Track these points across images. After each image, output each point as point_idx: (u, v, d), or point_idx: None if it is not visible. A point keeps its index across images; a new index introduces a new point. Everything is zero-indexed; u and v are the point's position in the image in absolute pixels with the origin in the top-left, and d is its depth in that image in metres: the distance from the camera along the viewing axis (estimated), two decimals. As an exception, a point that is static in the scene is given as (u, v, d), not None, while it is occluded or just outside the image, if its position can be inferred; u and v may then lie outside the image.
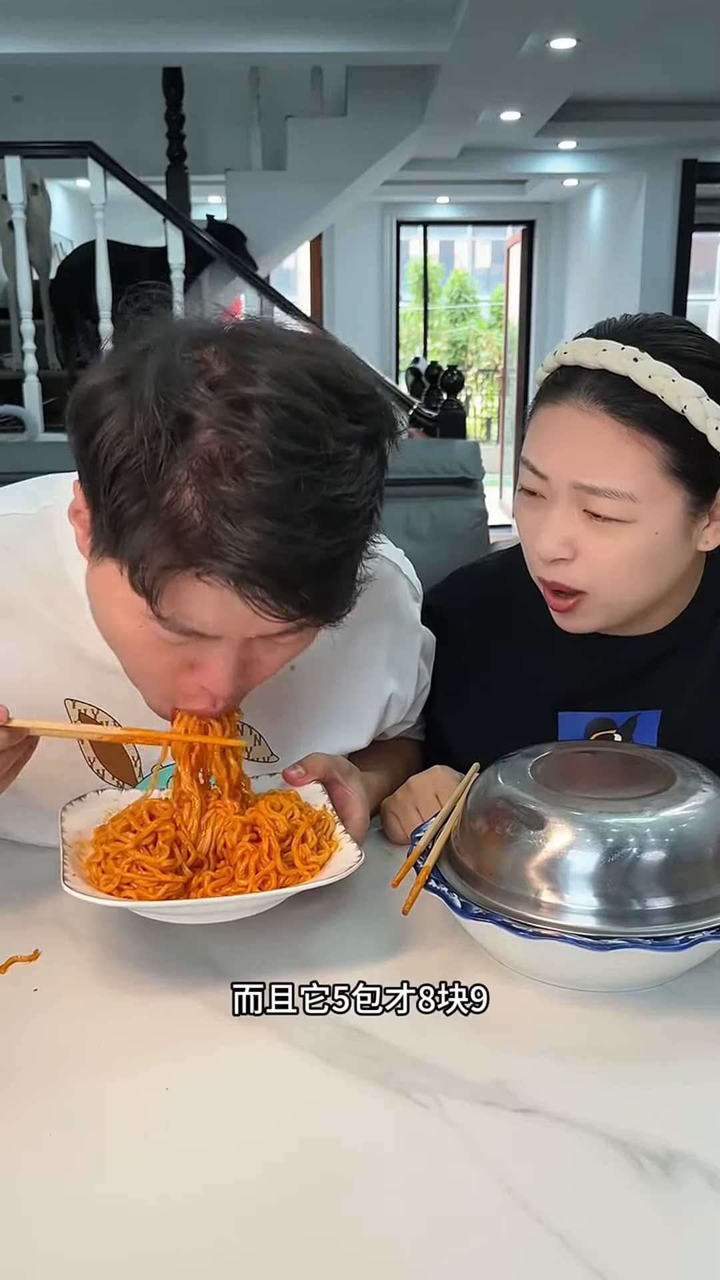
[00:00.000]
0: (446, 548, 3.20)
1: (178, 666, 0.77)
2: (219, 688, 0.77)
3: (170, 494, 0.67)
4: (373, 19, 4.50)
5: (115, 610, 0.76)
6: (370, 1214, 0.57)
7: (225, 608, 0.71)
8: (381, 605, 1.01)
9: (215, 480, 0.67)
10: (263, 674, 0.81)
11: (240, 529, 0.67)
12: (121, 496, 0.68)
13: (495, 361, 12.63)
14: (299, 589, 0.70)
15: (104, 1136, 0.63)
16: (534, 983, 0.76)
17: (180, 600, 0.71)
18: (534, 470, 0.95)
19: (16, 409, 4.32)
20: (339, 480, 0.69)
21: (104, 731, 0.90)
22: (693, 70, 5.40)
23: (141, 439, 0.67)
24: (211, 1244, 0.55)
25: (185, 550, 0.68)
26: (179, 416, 0.67)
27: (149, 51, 4.64)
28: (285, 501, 0.67)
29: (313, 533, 0.69)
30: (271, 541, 0.67)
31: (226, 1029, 0.71)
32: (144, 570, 0.69)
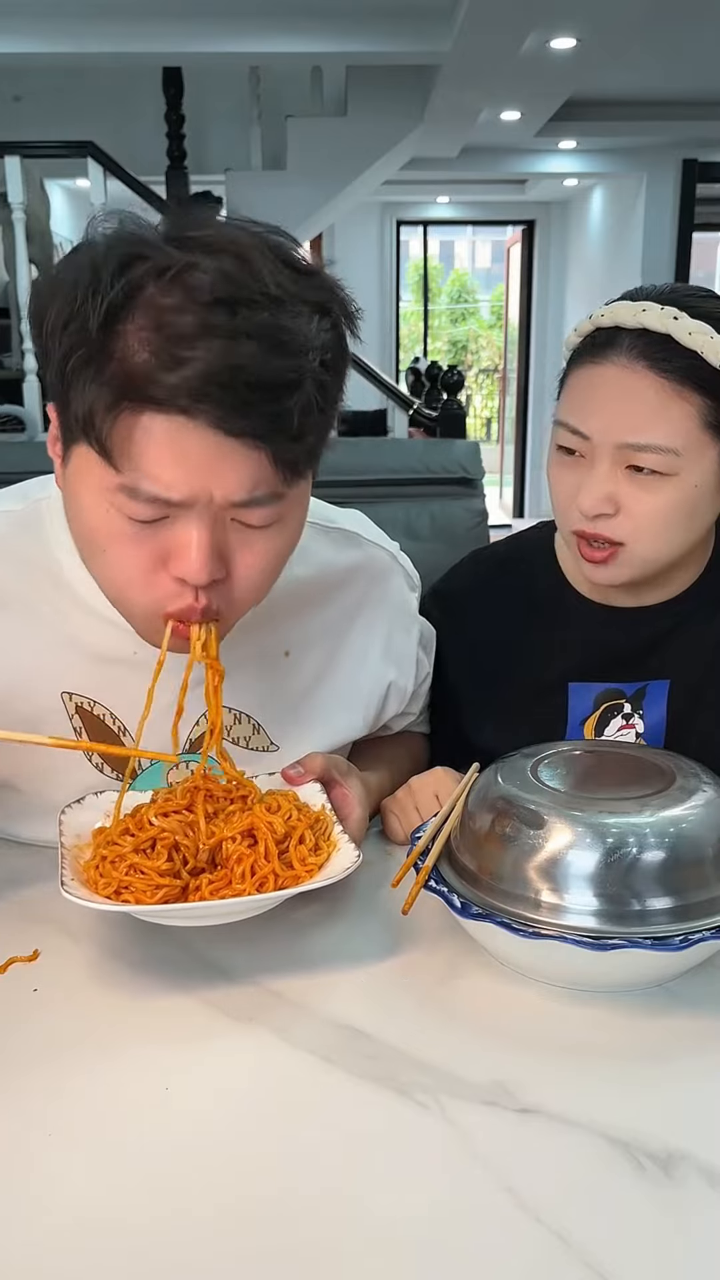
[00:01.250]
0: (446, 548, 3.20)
1: (151, 562, 0.76)
2: (192, 570, 0.75)
3: (116, 332, 0.69)
4: (373, 19, 4.49)
5: (85, 504, 0.76)
6: (370, 1214, 0.57)
7: (179, 449, 0.71)
8: (377, 593, 1.03)
9: (161, 314, 0.69)
10: (243, 577, 0.79)
11: (186, 350, 0.68)
12: (68, 345, 0.70)
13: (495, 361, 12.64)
14: (247, 407, 0.70)
15: (103, 1136, 0.63)
16: (534, 983, 0.76)
17: (135, 449, 0.71)
18: (575, 431, 0.97)
19: (16, 409, 4.32)
20: (281, 317, 0.71)
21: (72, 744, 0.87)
22: (693, 70, 5.40)
23: (85, 285, 0.69)
24: (211, 1244, 0.55)
25: (134, 385, 0.69)
26: (125, 256, 0.70)
27: (149, 51, 4.63)
28: (227, 323, 0.69)
29: (258, 351, 0.69)
30: (214, 358, 0.68)
31: (226, 1029, 0.71)
32: (96, 425, 0.70)
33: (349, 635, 1.01)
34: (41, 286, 0.74)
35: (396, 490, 2.15)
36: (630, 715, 1.08)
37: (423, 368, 7.57)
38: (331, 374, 0.76)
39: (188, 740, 0.95)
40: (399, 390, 4.83)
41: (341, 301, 0.77)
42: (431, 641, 1.12)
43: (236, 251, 0.71)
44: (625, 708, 1.08)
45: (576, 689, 1.08)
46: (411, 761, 1.13)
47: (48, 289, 0.73)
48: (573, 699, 1.08)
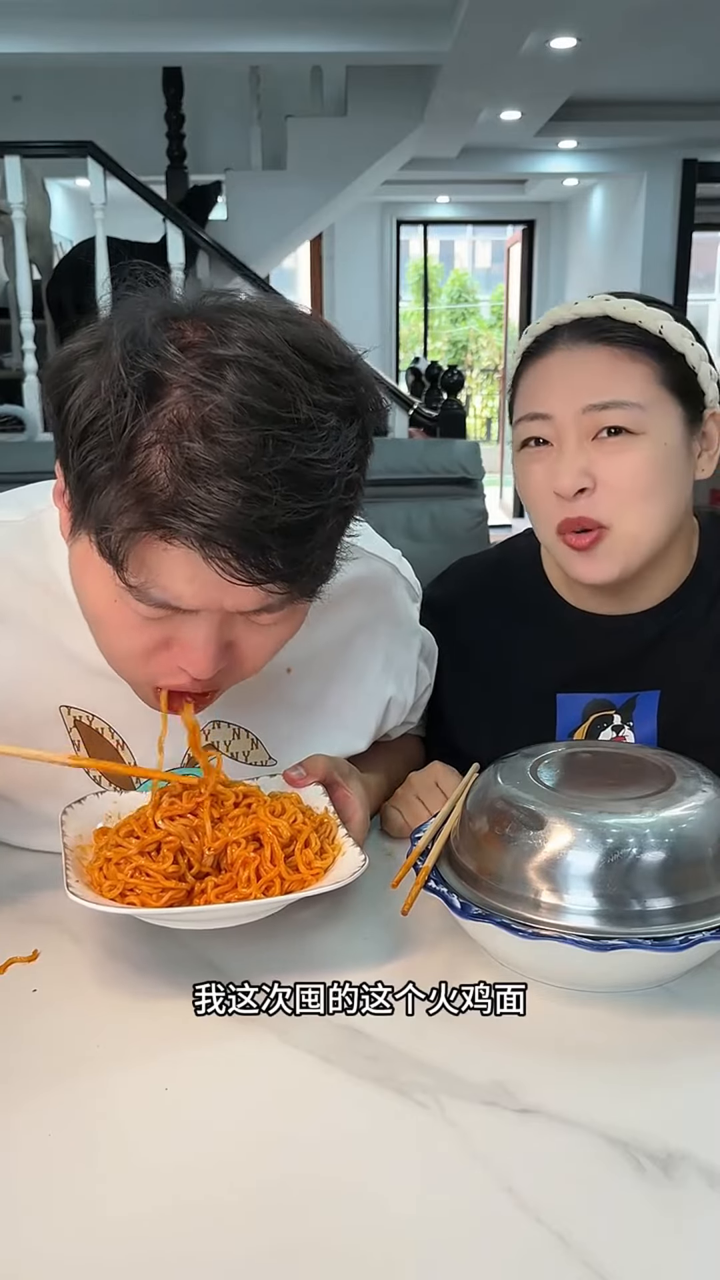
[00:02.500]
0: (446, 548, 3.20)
1: (155, 645, 0.75)
2: (197, 666, 0.75)
3: (137, 455, 0.66)
4: (373, 19, 4.49)
5: (92, 586, 0.75)
6: (370, 1214, 0.57)
7: (193, 573, 0.69)
8: (379, 607, 1.02)
9: (181, 439, 0.65)
10: (247, 660, 0.79)
11: (205, 489, 0.65)
12: (90, 457, 0.68)
13: (495, 361, 12.64)
14: (266, 552, 0.68)
15: (103, 1136, 0.63)
16: (534, 983, 0.76)
17: (148, 566, 0.69)
18: (536, 415, 0.98)
19: (16, 409, 4.32)
20: (311, 445, 0.68)
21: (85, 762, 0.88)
22: (693, 70, 5.40)
23: (109, 400, 0.66)
24: (211, 1244, 0.55)
25: (150, 513, 0.67)
26: (148, 375, 0.66)
27: (149, 51, 4.63)
28: (252, 461, 0.66)
29: (280, 494, 0.67)
30: (236, 501, 0.65)
31: (226, 1029, 0.71)
32: (111, 534, 0.68)
33: (349, 652, 1.01)
34: (64, 369, 0.71)
35: (396, 490, 2.15)
36: (620, 727, 1.07)
37: (423, 368, 7.58)
38: (354, 492, 0.74)
39: (186, 755, 0.94)
40: (399, 390, 4.84)
41: (373, 401, 0.74)
42: (433, 653, 1.12)
43: (264, 366, 0.67)
44: (615, 719, 1.07)
45: (565, 700, 1.07)
46: (406, 764, 1.13)
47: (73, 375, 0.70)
48: (561, 710, 1.07)
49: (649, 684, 1.06)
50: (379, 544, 1.05)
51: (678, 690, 1.06)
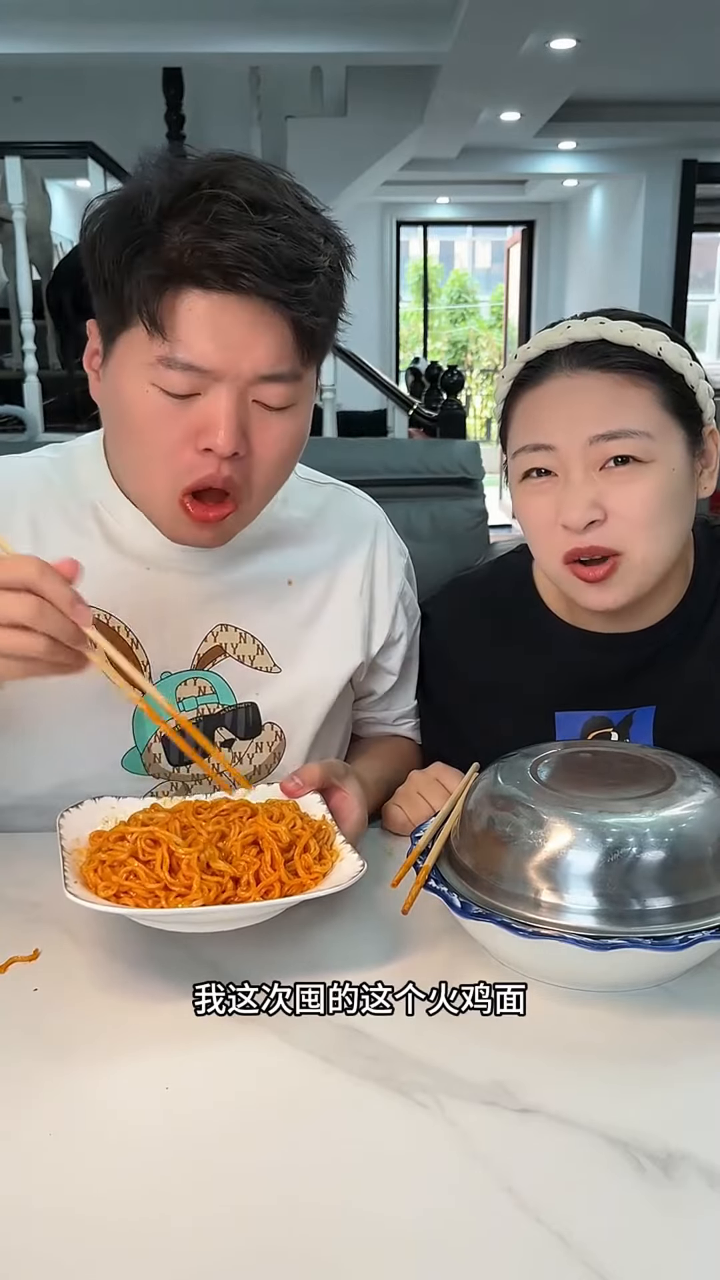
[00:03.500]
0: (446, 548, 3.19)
1: (180, 439, 0.87)
2: (222, 440, 0.85)
3: (166, 229, 0.82)
4: (373, 19, 4.50)
5: (125, 386, 0.87)
6: (370, 1214, 0.57)
7: (217, 320, 0.83)
8: (366, 540, 1.11)
9: (203, 209, 0.81)
10: (260, 456, 0.89)
11: (227, 232, 0.81)
12: (126, 243, 0.83)
13: (495, 361, 12.64)
14: (277, 279, 0.83)
15: (103, 1136, 0.63)
16: (534, 983, 0.76)
17: (179, 322, 0.83)
18: (539, 446, 0.95)
19: (16, 409, 4.32)
20: (299, 223, 0.85)
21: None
22: (692, 70, 5.41)
23: (140, 194, 0.83)
24: (211, 1243, 0.55)
25: (182, 265, 0.82)
26: (172, 170, 0.85)
27: (149, 51, 4.64)
28: (259, 220, 0.82)
29: (284, 241, 0.83)
30: (252, 240, 0.81)
31: (226, 1029, 0.71)
32: (149, 299, 0.83)
33: (342, 573, 1.09)
34: (97, 209, 0.88)
35: (396, 490, 2.15)
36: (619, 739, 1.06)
37: (423, 368, 7.58)
38: (337, 279, 0.89)
39: (195, 655, 1.01)
40: (399, 390, 4.83)
41: (339, 236, 0.91)
42: (414, 612, 1.15)
43: (265, 175, 0.86)
44: (613, 736, 1.06)
45: (563, 718, 1.07)
46: (403, 762, 1.14)
47: (103, 206, 0.87)
48: (560, 728, 1.07)
49: (645, 700, 1.06)
50: (369, 498, 1.16)
51: (674, 705, 1.05)
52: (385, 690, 1.15)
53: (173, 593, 1.00)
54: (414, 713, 1.18)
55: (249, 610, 1.03)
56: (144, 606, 0.99)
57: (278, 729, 1.04)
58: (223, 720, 1.02)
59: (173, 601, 1.00)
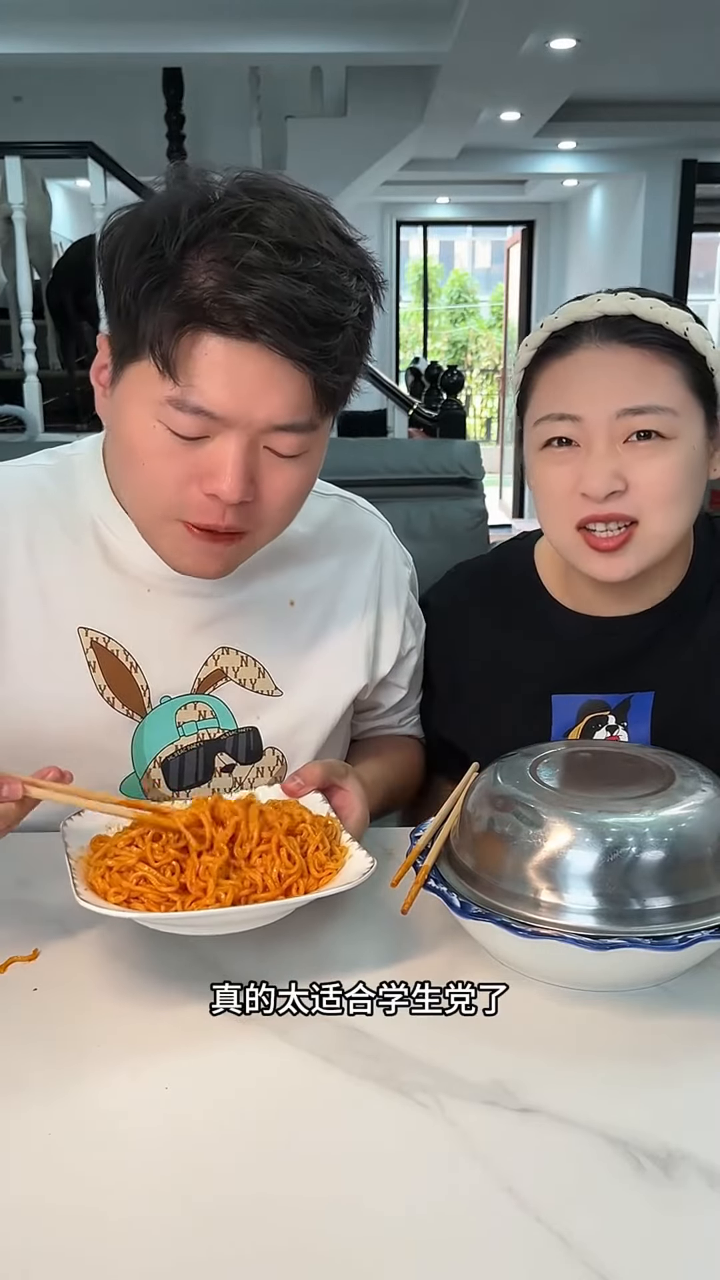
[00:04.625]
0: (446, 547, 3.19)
1: (185, 477, 0.84)
2: (228, 489, 0.82)
3: (189, 265, 0.78)
4: (373, 19, 4.50)
5: (131, 418, 0.84)
6: (370, 1214, 0.57)
7: (234, 368, 0.80)
8: (371, 556, 1.09)
9: (230, 249, 0.77)
10: (268, 502, 0.87)
11: (252, 281, 0.77)
12: (145, 275, 0.79)
13: (495, 361, 12.64)
14: (302, 335, 0.79)
15: (103, 1136, 0.63)
16: (534, 983, 0.76)
17: (194, 366, 0.80)
18: (564, 416, 0.96)
19: (16, 409, 4.32)
20: (331, 268, 0.81)
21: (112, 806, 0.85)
22: (693, 70, 5.40)
23: (162, 220, 0.79)
24: (210, 1243, 0.55)
25: (203, 309, 0.78)
26: (200, 200, 0.79)
27: (149, 51, 4.64)
28: (289, 265, 0.78)
29: (312, 292, 0.79)
30: (279, 290, 0.78)
31: (226, 1028, 0.71)
32: (164, 340, 0.79)
33: (345, 591, 1.07)
34: (116, 224, 0.83)
35: (396, 490, 2.15)
36: (615, 727, 1.07)
37: (422, 368, 7.57)
38: (364, 328, 0.86)
39: (196, 679, 1.00)
40: (399, 390, 4.83)
41: (373, 271, 0.87)
42: (419, 623, 1.14)
43: (298, 207, 0.81)
44: (610, 719, 1.07)
45: (560, 701, 1.07)
46: (408, 765, 1.15)
47: (123, 225, 0.82)
48: (556, 711, 1.07)
49: (643, 685, 1.06)
50: (372, 508, 1.14)
51: (672, 691, 1.06)
52: (393, 703, 1.14)
53: (173, 615, 0.98)
54: (418, 709, 1.18)
55: (250, 632, 1.01)
56: (144, 629, 0.97)
57: (279, 753, 1.03)
58: (223, 745, 1.01)
59: (173, 624, 0.98)
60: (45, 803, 0.95)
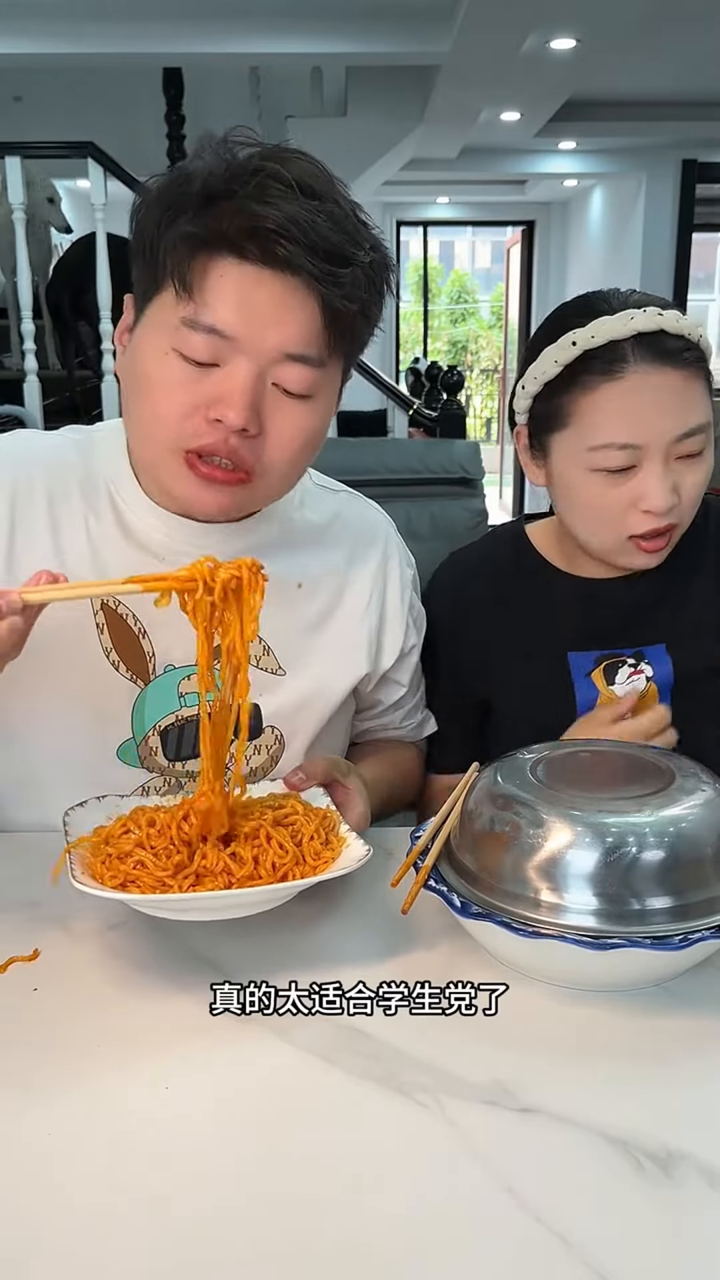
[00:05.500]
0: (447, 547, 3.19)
1: (192, 405, 0.86)
2: (234, 410, 0.84)
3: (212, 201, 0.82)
4: (373, 19, 4.49)
5: (146, 351, 0.87)
6: (370, 1214, 0.57)
7: (248, 290, 0.83)
8: (376, 549, 1.10)
9: (252, 186, 0.82)
10: (273, 442, 0.88)
11: (271, 206, 0.81)
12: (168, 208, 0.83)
13: (495, 361, 12.64)
14: (313, 256, 0.83)
15: (103, 1136, 0.63)
16: (534, 983, 0.76)
17: (209, 285, 0.83)
18: (627, 446, 1.01)
19: (16, 409, 4.31)
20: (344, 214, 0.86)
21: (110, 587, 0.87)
22: (693, 70, 5.40)
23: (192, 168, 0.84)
24: (210, 1243, 0.55)
25: (220, 231, 0.82)
26: (227, 149, 0.85)
27: (149, 51, 4.64)
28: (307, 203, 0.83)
29: (328, 226, 0.84)
30: (295, 214, 0.82)
31: (226, 1028, 0.71)
32: (182, 261, 0.83)
33: (352, 581, 1.08)
34: (150, 184, 0.88)
35: (396, 490, 2.16)
36: (635, 665, 1.12)
37: (423, 368, 7.57)
38: (370, 282, 0.89)
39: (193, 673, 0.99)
40: (399, 390, 4.83)
41: (384, 250, 0.90)
42: (421, 621, 1.16)
43: (322, 170, 0.87)
44: (629, 660, 1.12)
45: (575, 657, 1.13)
46: (407, 774, 1.15)
47: (155, 182, 0.87)
48: (574, 664, 1.13)
49: (653, 639, 1.12)
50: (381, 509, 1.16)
51: (682, 637, 1.12)
52: (393, 700, 1.15)
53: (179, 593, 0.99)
54: (418, 710, 1.18)
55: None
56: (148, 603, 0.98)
57: (277, 733, 1.03)
58: None
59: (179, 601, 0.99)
60: (45, 803, 0.96)
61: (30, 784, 0.99)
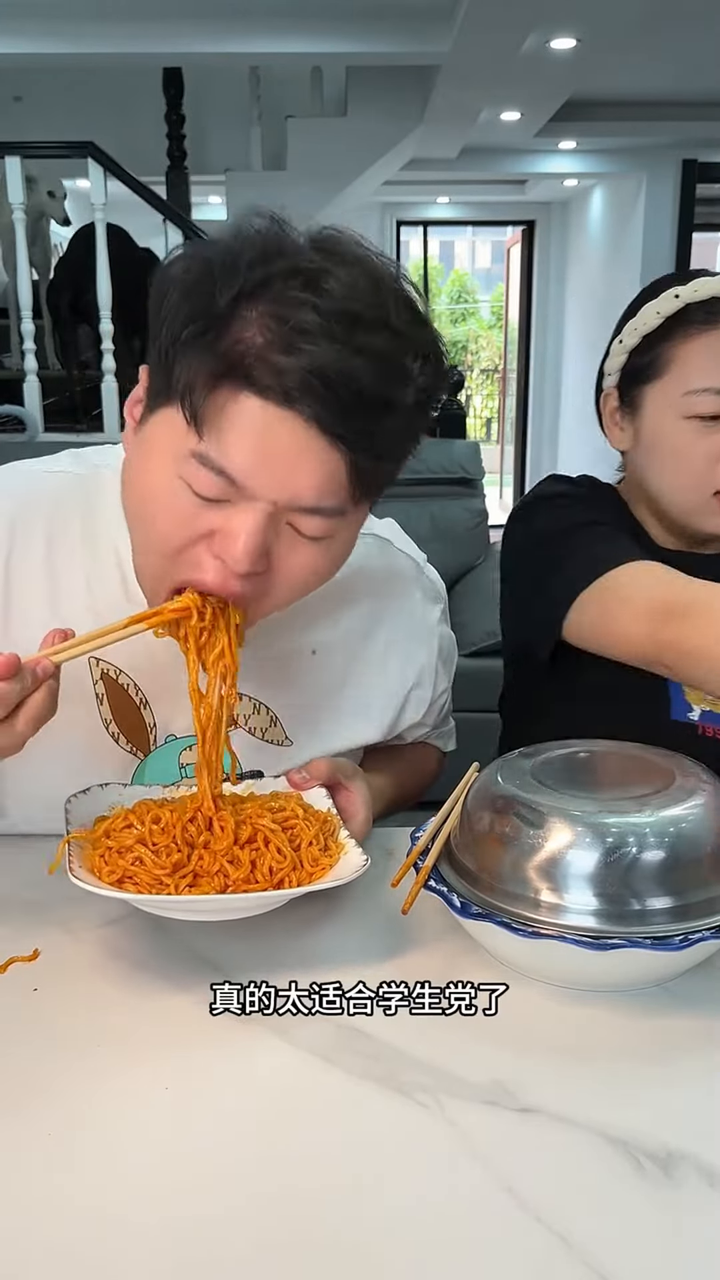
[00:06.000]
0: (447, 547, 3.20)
1: (195, 536, 0.78)
2: (238, 557, 0.76)
3: (238, 316, 0.72)
4: (373, 19, 4.49)
5: (153, 467, 0.78)
6: (370, 1214, 0.57)
7: (268, 434, 0.73)
8: (399, 603, 1.04)
9: (284, 306, 0.71)
10: (280, 580, 0.81)
11: (300, 345, 0.71)
12: (191, 318, 0.73)
13: (495, 361, 12.63)
14: (345, 412, 0.73)
15: (103, 1136, 0.63)
16: (534, 983, 0.76)
17: (225, 424, 0.73)
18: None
19: (16, 409, 4.32)
20: (394, 345, 0.74)
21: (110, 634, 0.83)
22: (693, 70, 5.40)
23: (222, 265, 0.72)
24: (210, 1243, 0.55)
25: (244, 365, 0.72)
26: (264, 249, 0.73)
27: (149, 51, 4.64)
28: (345, 335, 0.71)
29: (364, 364, 0.72)
30: (328, 359, 0.71)
31: (226, 1029, 0.71)
32: (197, 390, 0.73)
33: (370, 643, 1.02)
34: (177, 260, 0.77)
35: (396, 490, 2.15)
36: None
37: (423, 368, 7.56)
38: (420, 417, 0.79)
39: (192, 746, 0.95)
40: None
41: (442, 355, 0.79)
42: (452, 655, 1.12)
43: (370, 272, 0.75)
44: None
45: None
46: (417, 774, 1.13)
47: (182, 264, 0.76)
48: None
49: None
50: (406, 542, 1.08)
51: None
52: (414, 736, 1.11)
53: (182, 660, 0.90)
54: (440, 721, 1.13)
55: (267, 681, 0.96)
56: (156, 668, 0.92)
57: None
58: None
59: (182, 669, 0.90)
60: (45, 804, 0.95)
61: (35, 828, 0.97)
